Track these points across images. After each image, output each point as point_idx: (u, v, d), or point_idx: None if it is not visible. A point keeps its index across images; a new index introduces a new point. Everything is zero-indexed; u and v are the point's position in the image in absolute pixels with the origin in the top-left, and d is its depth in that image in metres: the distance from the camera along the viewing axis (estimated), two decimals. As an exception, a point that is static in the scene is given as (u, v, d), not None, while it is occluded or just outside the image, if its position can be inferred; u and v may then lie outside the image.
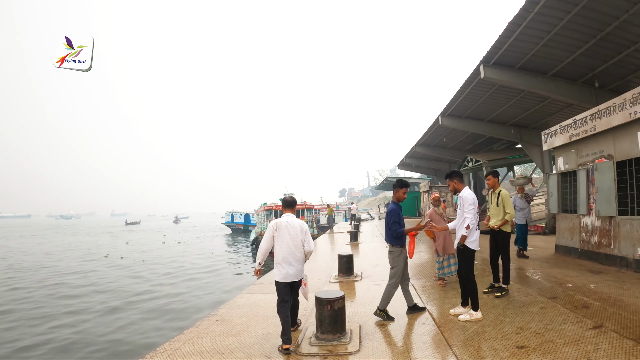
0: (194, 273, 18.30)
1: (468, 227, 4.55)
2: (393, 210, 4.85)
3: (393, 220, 4.80)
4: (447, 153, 22.76)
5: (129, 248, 34.54)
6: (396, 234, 4.77)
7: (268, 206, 27.66)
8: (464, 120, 15.71)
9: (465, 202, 4.66)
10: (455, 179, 4.90)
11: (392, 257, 4.94)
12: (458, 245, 4.69)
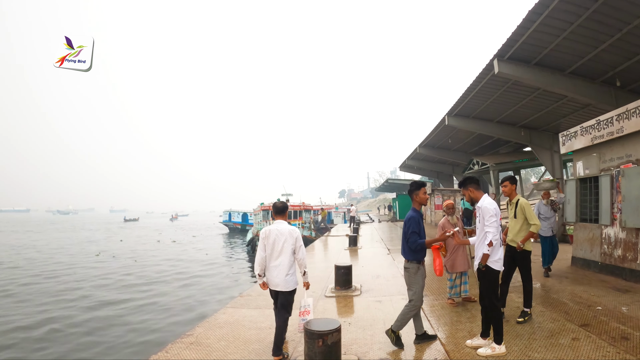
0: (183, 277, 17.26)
1: (490, 243, 3.74)
2: (412, 218, 4.05)
3: (412, 230, 4.00)
4: (451, 155, 21.96)
5: (123, 246, 33.74)
6: (415, 246, 3.98)
7: (265, 206, 26.82)
8: (471, 121, 14.91)
9: (486, 213, 3.85)
10: (470, 186, 4.13)
11: (408, 275, 4.15)
12: (479, 267, 3.88)
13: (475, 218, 4.11)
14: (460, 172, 25.79)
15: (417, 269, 4.05)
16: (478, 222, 4.00)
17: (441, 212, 25.16)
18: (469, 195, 4.14)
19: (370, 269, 9.20)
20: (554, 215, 7.83)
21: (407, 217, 4.11)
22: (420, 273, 4.06)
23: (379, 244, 14.78)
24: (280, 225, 4.20)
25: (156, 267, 20.27)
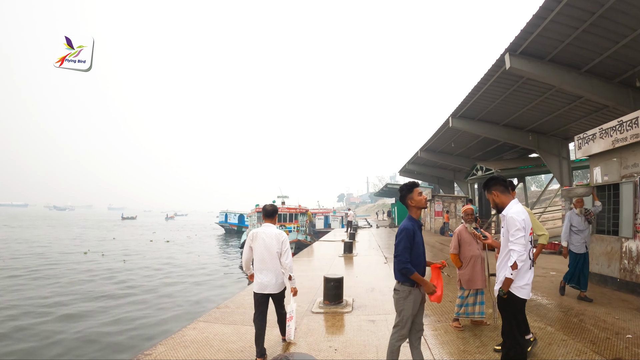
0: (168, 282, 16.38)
1: (515, 265, 2.88)
2: (405, 230, 3.17)
3: (402, 245, 3.14)
4: (453, 160, 21.17)
5: (114, 245, 32.93)
6: (400, 267, 3.14)
7: (260, 208, 26.08)
8: (477, 123, 14.14)
9: (512, 225, 2.95)
10: (495, 188, 3.20)
11: (397, 299, 3.26)
12: (500, 293, 3.01)
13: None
14: (462, 178, 25.01)
15: (409, 293, 3.18)
16: (502, 236, 3.16)
17: (441, 219, 24.43)
18: (492, 200, 3.25)
19: (364, 280, 8.38)
20: (588, 228, 6.72)
21: (400, 227, 3.26)
22: (412, 299, 3.18)
23: (375, 251, 13.96)
24: (267, 229, 4.23)
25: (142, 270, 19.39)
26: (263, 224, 4.31)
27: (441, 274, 3.45)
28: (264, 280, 4.10)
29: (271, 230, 4.22)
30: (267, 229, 4.23)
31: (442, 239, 18.85)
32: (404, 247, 3.13)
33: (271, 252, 4.12)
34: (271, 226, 4.29)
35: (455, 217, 23.81)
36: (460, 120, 14.01)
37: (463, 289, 4.84)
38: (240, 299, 6.77)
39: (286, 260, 4.14)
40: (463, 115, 13.87)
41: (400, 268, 3.13)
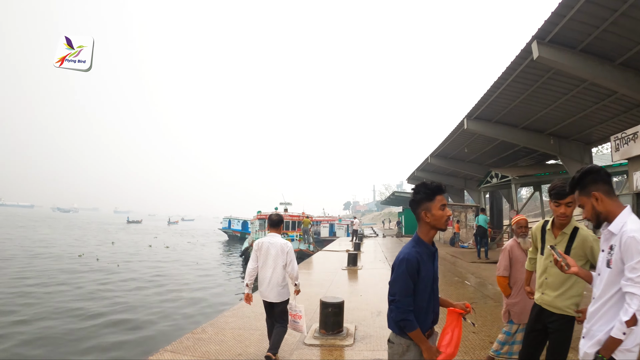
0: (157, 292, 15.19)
1: (634, 320, 1.68)
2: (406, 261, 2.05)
3: (401, 285, 2.05)
4: (465, 167, 20.00)
5: (112, 249, 32.18)
6: (398, 320, 2.04)
7: (262, 215, 24.97)
8: (494, 126, 13.02)
9: (633, 252, 1.71)
10: (597, 187, 1.92)
11: (391, 354, 2.15)
12: (596, 357, 1.82)
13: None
14: (474, 187, 23.81)
15: (406, 349, 2.07)
16: (605, 265, 1.88)
17: (451, 229, 23.23)
18: (590, 207, 1.94)
19: (370, 299, 7.28)
20: None
21: (399, 256, 2.11)
22: (411, 355, 2.06)
23: (382, 264, 12.83)
24: (273, 239, 4.26)
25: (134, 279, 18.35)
26: (268, 234, 4.36)
27: (461, 322, 2.25)
28: (266, 292, 4.15)
29: (276, 240, 4.26)
30: (272, 238, 4.26)
31: (453, 250, 17.69)
32: (403, 288, 2.03)
33: (276, 262, 4.16)
34: (276, 236, 4.31)
35: (465, 227, 22.64)
36: (475, 122, 12.92)
37: (511, 323, 3.64)
38: (222, 321, 5.73)
39: (290, 270, 4.20)
40: (479, 117, 12.78)
41: (397, 319, 2.04)
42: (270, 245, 4.20)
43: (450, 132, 14.98)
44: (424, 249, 2.11)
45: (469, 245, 19.99)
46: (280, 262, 4.16)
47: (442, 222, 2.12)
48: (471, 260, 13.34)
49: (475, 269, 11.44)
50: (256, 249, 4.25)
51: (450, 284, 8.80)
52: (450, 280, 9.42)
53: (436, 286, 2.16)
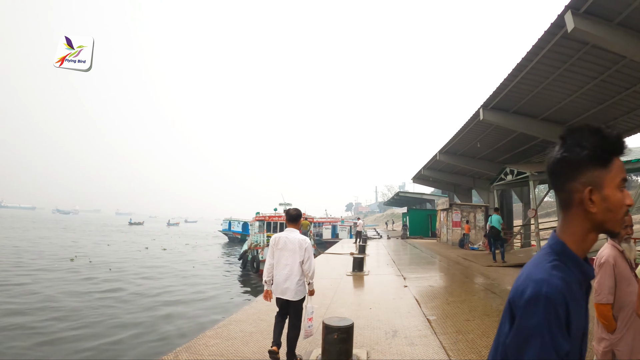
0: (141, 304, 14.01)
1: None
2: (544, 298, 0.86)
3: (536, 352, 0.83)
4: (475, 164, 18.87)
5: (107, 251, 31.34)
6: None
7: (260, 216, 23.84)
8: (512, 117, 11.90)
9: None
10: None
11: None
12: None
13: None
14: (484, 186, 22.69)
15: None
16: None
17: (459, 230, 22.12)
18: None
19: (381, 314, 6.11)
20: None
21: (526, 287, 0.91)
22: None
23: (390, 268, 11.68)
24: (290, 234, 4.14)
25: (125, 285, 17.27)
26: (286, 229, 4.24)
27: None
28: (282, 288, 4.00)
29: (294, 235, 4.15)
30: (289, 234, 4.16)
31: (464, 252, 16.55)
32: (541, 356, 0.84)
33: (293, 258, 4.04)
34: (294, 231, 4.22)
35: (475, 227, 21.51)
36: (492, 112, 11.81)
37: None
38: (201, 344, 4.62)
39: (307, 267, 4.05)
40: (496, 107, 11.67)
41: None
42: (288, 240, 4.07)
43: (463, 124, 13.87)
44: (574, 274, 0.96)
45: (479, 247, 18.89)
46: (297, 259, 4.02)
47: (619, 217, 0.98)
48: (487, 264, 12.21)
49: (494, 273, 10.32)
50: (273, 244, 4.14)
51: (471, 292, 7.68)
52: (470, 288, 8.30)
53: (585, 345, 1.02)
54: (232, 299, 15.20)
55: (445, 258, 14.46)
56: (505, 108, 11.67)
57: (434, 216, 32.83)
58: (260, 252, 21.46)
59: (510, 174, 14.68)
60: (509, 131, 13.11)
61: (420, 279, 9.55)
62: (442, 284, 8.65)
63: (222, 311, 13.12)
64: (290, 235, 4.12)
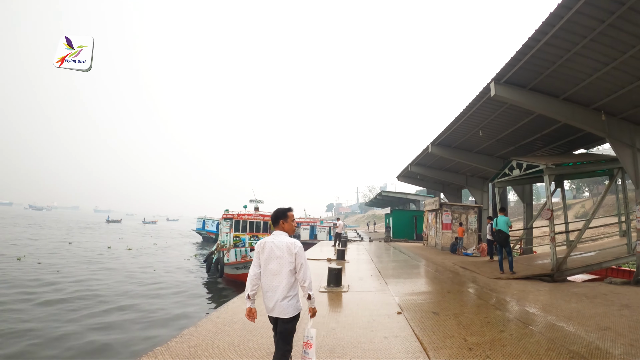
0: (81, 315, 11.66)
1: None
2: None
3: None
4: (472, 158, 16.62)
5: (65, 250, 29.15)
6: None
7: (228, 214, 21.04)
8: (529, 95, 9.58)
9: None
10: None
11: None
12: None
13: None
14: (478, 184, 20.53)
15: None
16: None
17: (449, 233, 19.94)
18: None
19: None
20: None
21: None
22: None
23: (376, 282, 9.15)
24: (277, 238, 3.45)
25: (65, 291, 14.56)
26: (273, 232, 3.55)
27: None
28: (269, 303, 3.32)
29: (282, 239, 3.43)
30: (277, 237, 3.45)
31: (460, 260, 14.27)
32: None
33: (282, 267, 3.34)
34: (282, 234, 3.49)
35: (467, 230, 19.34)
36: (506, 88, 9.47)
37: None
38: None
39: (302, 276, 3.36)
40: (511, 81, 9.36)
41: None
42: (274, 245, 3.38)
43: (466, 105, 11.46)
44: None
45: (474, 253, 16.68)
46: (287, 267, 3.33)
47: None
48: (494, 276, 9.91)
49: (509, 290, 8.01)
50: (257, 250, 3.45)
51: (497, 325, 5.28)
52: (491, 316, 5.90)
53: None
54: (187, 314, 12.53)
55: (439, 267, 12.13)
56: (522, 83, 9.39)
57: (419, 217, 30.75)
58: (226, 255, 18.81)
59: (517, 168, 12.44)
60: (522, 114, 10.87)
61: (417, 299, 7.13)
62: (449, 309, 6.22)
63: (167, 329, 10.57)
64: (277, 240, 3.45)
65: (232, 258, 17.85)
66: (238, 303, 6.58)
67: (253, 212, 21.31)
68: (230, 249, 18.75)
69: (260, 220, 20.68)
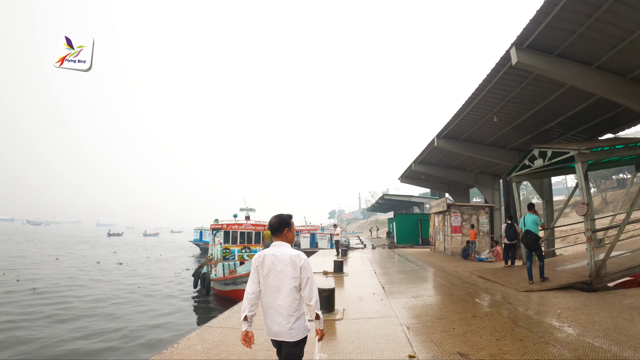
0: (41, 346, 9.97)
1: None
2: None
3: None
4: (482, 152, 14.77)
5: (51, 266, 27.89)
6: None
7: (216, 224, 19.13)
8: (558, 62, 7.80)
9: None
10: None
11: None
12: None
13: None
14: (488, 183, 18.75)
15: None
16: None
17: (459, 236, 18.13)
18: None
19: None
20: None
21: None
22: None
23: (380, 303, 7.23)
24: (279, 249, 2.95)
25: (33, 316, 12.86)
26: (272, 244, 3.04)
27: None
28: (272, 325, 2.83)
29: (284, 251, 2.93)
30: (277, 249, 2.95)
31: (476, 267, 12.46)
32: None
33: (283, 283, 2.85)
34: (283, 245, 2.99)
35: (479, 233, 17.53)
36: (530, 54, 7.60)
37: None
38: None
39: (308, 293, 2.84)
40: (535, 46, 7.57)
41: None
42: (275, 258, 2.90)
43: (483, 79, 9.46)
44: None
45: (488, 258, 14.87)
46: (290, 283, 2.83)
47: None
48: (523, 288, 8.11)
49: (547, 308, 6.23)
50: (256, 265, 2.97)
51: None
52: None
53: None
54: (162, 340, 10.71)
55: (453, 277, 10.31)
56: (548, 47, 7.63)
57: (424, 221, 28.97)
58: (213, 269, 16.96)
59: (539, 158, 10.66)
60: (547, 89, 9.10)
61: (434, 328, 5.31)
62: (481, 347, 4.41)
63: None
64: (278, 252, 2.92)
65: (219, 273, 16.03)
66: (195, 340, 4.80)
67: (244, 221, 19.47)
68: (217, 262, 16.89)
69: (252, 231, 18.79)
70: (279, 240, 3.03)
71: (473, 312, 6.16)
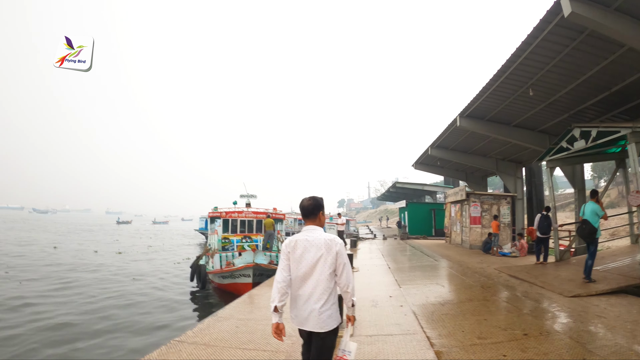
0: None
1: None
2: None
3: None
4: (509, 133, 13.03)
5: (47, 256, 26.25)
6: None
7: (215, 212, 17.87)
8: (615, 17, 6.19)
9: None
10: None
11: None
12: None
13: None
14: (510, 170, 17.18)
15: None
16: None
17: (479, 228, 16.69)
18: None
19: None
20: None
21: None
22: None
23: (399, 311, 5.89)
24: (312, 233, 2.70)
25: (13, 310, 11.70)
26: (304, 228, 2.77)
27: None
28: (300, 312, 2.60)
29: (317, 235, 2.67)
30: (310, 234, 2.69)
31: (498, 262, 11.04)
32: None
33: (319, 269, 2.60)
34: (316, 229, 2.73)
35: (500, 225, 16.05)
36: (586, 4, 6.11)
37: None
38: None
39: (345, 280, 2.61)
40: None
41: None
42: (309, 243, 2.63)
43: (524, 38, 7.70)
44: None
45: (512, 253, 13.42)
46: (326, 269, 2.59)
47: None
48: (571, 293, 6.70)
49: (613, 319, 4.84)
50: (287, 251, 2.69)
51: None
52: None
53: None
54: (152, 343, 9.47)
55: (481, 276, 8.91)
56: (606, 1, 6.07)
57: (438, 211, 27.57)
58: (210, 260, 15.68)
59: (582, 139, 9.14)
60: (597, 55, 7.48)
61: (475, 351, 3.95)
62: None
63: None
64: (311, 236, 2.66)
65: (216, 265, 14.73)
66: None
67: (244, 209, 18.16)
68: (214, 253, 15.59)
69: (253, 219, 17.47)
70: (311, 224, 2.76)
71: (522, 328, 4.75)
